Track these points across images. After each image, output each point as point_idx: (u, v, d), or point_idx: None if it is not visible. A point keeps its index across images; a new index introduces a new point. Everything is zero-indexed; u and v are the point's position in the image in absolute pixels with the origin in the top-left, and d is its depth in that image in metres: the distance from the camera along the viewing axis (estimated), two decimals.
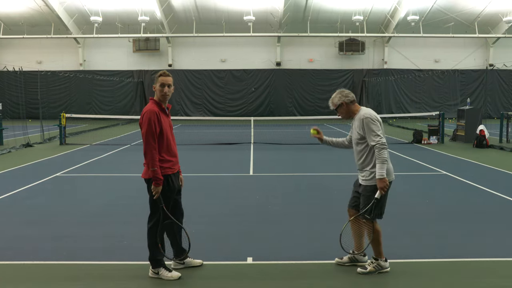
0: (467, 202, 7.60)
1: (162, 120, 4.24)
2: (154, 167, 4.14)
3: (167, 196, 4.31)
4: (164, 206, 4.26)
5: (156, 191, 4.19)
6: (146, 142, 4.16)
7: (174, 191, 4.39)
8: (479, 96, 33.08)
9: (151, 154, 4.15)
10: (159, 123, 4.19)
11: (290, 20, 30.96)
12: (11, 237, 5.67)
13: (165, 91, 4.28)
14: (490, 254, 4.99)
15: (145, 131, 4.16)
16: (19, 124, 19.45)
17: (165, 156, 4.27)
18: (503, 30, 31.94)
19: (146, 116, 4.16)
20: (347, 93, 4.62)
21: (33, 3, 28.75)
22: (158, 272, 4.34)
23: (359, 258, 4.69)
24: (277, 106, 33.39)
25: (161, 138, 4.23)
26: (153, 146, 4.15)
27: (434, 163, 11.63)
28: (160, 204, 4.24)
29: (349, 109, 4.59)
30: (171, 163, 4.34)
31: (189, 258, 4.65)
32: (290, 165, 11.57)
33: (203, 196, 8.05)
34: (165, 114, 4.36)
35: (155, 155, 4.15)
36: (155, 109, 4.21)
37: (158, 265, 4.37)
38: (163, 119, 4.27)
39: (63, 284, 4.26)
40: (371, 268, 4.44)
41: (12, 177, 9.86)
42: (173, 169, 4.37)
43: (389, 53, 34.04)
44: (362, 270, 4.45)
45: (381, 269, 4.45)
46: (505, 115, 17.00)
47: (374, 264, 4.46)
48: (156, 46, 33.04)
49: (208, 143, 16.24)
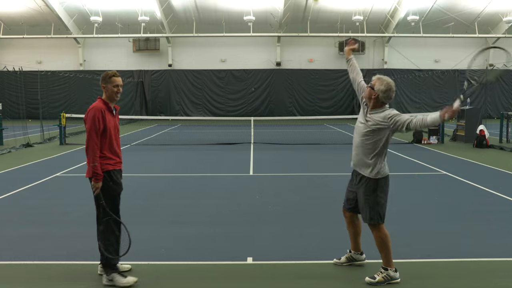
0: (467, 202, 7.60)
1: (107, 119, 4.26)
2: (95, 163, 4.14)
3: (113, 190, 4.30)
4: (104, 203, 4.20)
5: (95, 187, 4.16)
6: (89, 138, 4.17)
7: (119, 186, 4.38)
8: (479, 96, 33.09)
9: (92, 150, 4.15)
10: (103, 121, 4.21)
11: (290, 20, 30.95)
12: (11, 237, 5.67)
13: (119, 91, 4.36)
14: (490, 254, 4.99)
15: (88, 127, 4.18)
16: (19, 124, 19.44)
17: (106, 154, 4.27)
18: (503, 30, 31.93)
19: (91, 112, 4.19)
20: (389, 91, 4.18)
21: (33, 3, 28.73)
22: (113, 279, 4.20)
23: (357, 257, 4.66)
24: (277, 106, 33.37)
25: (104, 135, 4.24)
26: (95, 142, 4.16)
27: (434, 163, 11.62)
28: (100, 201, 4.19)
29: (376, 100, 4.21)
30: (113, 160, 4.32)
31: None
32: (290, 165, 11.57)
33: (203, 196, 8.05)
34: (112, 114, 4.38)
35: (96, 151, 4.16)
36: (101, 107, 4.26)
37: (113, 271, 4.24)
38: (108, 118, 4.29)
39: (63, 284, 4.25)
40: (379, 278, 4.22)
41: (12, 177, 9.86)
42: (115, 166, 4.34)
43: (389, 53, 34.04)
44: (370, 280, 4.25)
45: (390, 280, 4.23)
46: (505, 115, 16.99)
47: (383, 274, 4.23)
48: (156, 46, 33.04)
49: (208, 143, 16.24)
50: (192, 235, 5.72)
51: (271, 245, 5.35)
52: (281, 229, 6.00)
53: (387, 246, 4.26)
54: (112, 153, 4.33)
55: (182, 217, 6.62)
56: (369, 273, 4.35)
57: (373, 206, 4.24)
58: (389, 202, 4.41)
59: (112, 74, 4.35)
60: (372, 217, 4.25)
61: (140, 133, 21.12)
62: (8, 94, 30.74)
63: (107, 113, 4.29)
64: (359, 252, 4.67)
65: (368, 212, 4.26)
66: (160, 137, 19.19)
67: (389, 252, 4.27)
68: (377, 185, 4.24)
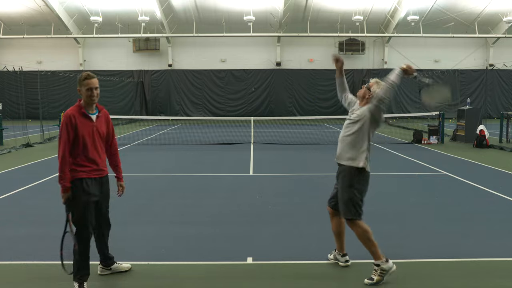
0: (467, 202, 7.60)
1: (80, 125, 4.01)
2: (60, 173, 3.96)
3: (83, 201, 4.04)
4: (69, 215, 4.04)
5: (63, 197, 4.02)
6: (59, 145, 4.02)
7: (90, 196, 4.08)
8: (479, 96, 33.10)
9: (60, 159, 3.97)
10: (72, 128, 3.98)
11: (290, 20, 30.96)
12: (11, 237, 5.67)
13: (94, 95, 4.06)
14: (490, 254, 4.99)
15: (60, 135, 4.03)
16: (19, 124, 19.44)
17: (80, 161, 4.05)
18: (503, 30, 31.93)
19: (63, 120, 4.03)
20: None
21: (33, 3, 28.74)
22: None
23: (339, 257, 4.68)
24: (277, 106, 33.38)
25: (77, 143, 4.02)
26: (63, 150, 3.97)
27: (434, 163, 11.62)
28: (66, 212, 4.05)
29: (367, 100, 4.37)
30: (88, 168, 4.06)
31: (116, 264, 4.50)
32: (290, 165, 11.57)
33: (203, 196, 8.05)
34: (88, 118, 4.09)
35: (63, 160, 3.96)
36: (72, 113, 4.02)
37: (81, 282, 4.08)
38: (82, 123, 4.03)
39: (63, 284, 4.25)
40: (377, 278, 4.20)
41: (12, 177, 9.86)
42: (90, 174, 4.08)
43: (389, 53, 34.04)
44: (369, 282, 4.23)
45: (387, 272, 4.22)
46: (505, 115, 16.99)
47: (378, 271, 4.22)
48: (156, 46, 33.05)
49: (208, 143, 16.24)
50: (192, 235, 5.72)
51: (271, 245, 5.35)
52: (281, 229, 6.00)
53: (369, 240, 4.27)
54: (88, 160, 4.07)
55: (182, 217, 6.62)
56: (369, 272, 4.34)
57: (347, 201, 4.29)
58: (389, 202, 4.41)
59: (85, 76, 4.06)
60: (346, 213, 4.31)
61: (140, 133, 21.13)
62: (8, 94, 30.76)
63: (80, 119, 4.03)
64: (342, 253, 4.67)
65: (344, 207, 4.33)
66: (160, 137, 19.19)
67: (373, 245, 4.28)
68: (354, 178, 4.28)
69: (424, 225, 6.15)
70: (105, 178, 4.27)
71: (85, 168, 4.06)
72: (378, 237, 5.62)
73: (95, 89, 4.06)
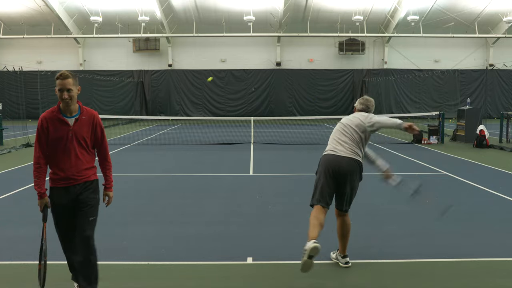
0: (467, 202, 7.60)
1: (52, 129, 3.65)
2: (34, 178, 3.71)
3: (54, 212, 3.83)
4: (44, 225, 3.86)
5: (38, 204, 3.85)
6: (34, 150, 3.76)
7: (56, 206, 3.81)
8: (479, 96, 33.09)
9: (34, 164, 3.74)
10: (44, 132, 3.66)
11: (290, 20, 30.95)
12: (11, 237, 5.67)
13: (65, 96, 3.59)
14: (490, 254, 4.99)
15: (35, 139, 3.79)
16: (19, 124, 19.43)
17: (53, 168, 3.76)
18: (503, 30, 31.93)
19: (38, 122, 3.74)
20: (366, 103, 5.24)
21: (33, 3, 28.73)
22: None
23: (339, 258, 4.70)
24: (277, 106, 33.36)
25: (48, 148, 3.71)
26: (36, 155, 3.72)
27: (434, 163, 11.62)
28: (43, 221, 3.88)
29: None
30: (56, 176, 3.73)
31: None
32: (290, 165, 11.57)
33: (203, 196, 8.05)
34: (62, 122, 3.68)
35: (35, 165, 3.72)
36: (45, 117, 3.69)
37: None
38: (55, 127, 3.66)
39: (63, 284, 4.25)
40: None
41: (12, 177, 9.86)
42: (57, 183, 3.74)
43: (389, 53, 34.03)
44: None
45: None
46: (505, 115, 16.99)
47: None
48: (156, 46, 33.04)
49: (208, 143, 16.24)
50: (192, 235, 5.72)
51: (271, 245, 5.35)
52: (281, 229, 6.00)
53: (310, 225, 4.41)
54: (57, 168, 3.73)
55: (182, 217, 6.62)
56: (369, 272, 4.33)
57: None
58: (389, 201, 4.41)
59: (57, 75, 3.63)
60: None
61: (140, 133, 21.13)
62: (8, 94, 30.75)
63: (52, 123, 3.66)
64: (343, 255, 4.68)
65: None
66: (160, 137, 19.19)
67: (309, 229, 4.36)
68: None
69: (424, 225, 6.15)
70: (78, 187, 3.75)
71: (54, 176, 3.76)
72: (378, 237, 5.64)
73: (66, 90, 3.59)
